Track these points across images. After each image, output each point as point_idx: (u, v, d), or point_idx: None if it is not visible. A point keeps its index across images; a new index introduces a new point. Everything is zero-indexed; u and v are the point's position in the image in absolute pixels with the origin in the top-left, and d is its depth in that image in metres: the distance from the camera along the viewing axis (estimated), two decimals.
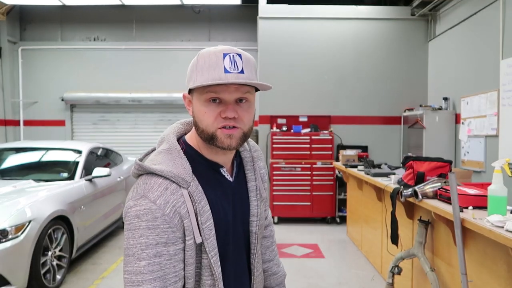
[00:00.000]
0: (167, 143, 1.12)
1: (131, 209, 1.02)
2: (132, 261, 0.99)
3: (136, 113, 9.97)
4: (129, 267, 0.99)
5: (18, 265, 3.48)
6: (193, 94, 1.12)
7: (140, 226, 0.99)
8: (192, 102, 1.13)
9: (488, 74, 5.41)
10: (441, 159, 3.28)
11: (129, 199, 1.06)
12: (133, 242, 0.99)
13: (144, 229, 0.99)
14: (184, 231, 1.03)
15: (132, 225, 1.00)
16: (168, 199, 1.02)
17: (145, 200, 1.01)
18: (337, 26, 7.38)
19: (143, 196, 1.02)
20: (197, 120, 1.10)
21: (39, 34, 9.90)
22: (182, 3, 8.63)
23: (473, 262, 2.47)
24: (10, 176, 4.88)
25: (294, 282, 4.24)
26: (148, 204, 1.00)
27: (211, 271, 1.08)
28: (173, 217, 1.01)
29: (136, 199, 1.03)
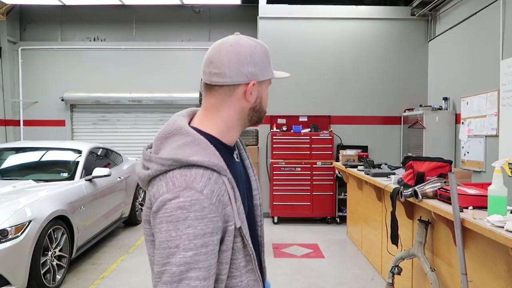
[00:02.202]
0: (186, 135, 1.09)
1: (171, 201, 0.99)
2: (176, 252, 0.97)
3: (136, 113, 9.97)
4: (172, 258, 0.96)
5: (18, 265, 3.48)
6: (264, 82, 1.21)
7: (188, 217, 0.97)
8: (260, 89, 1.19)
9: (488, 74, 5.41)
10: (441, 159, 3.28)
11: (162, 193, 1.01)
12: (177, 233, 0.97)
13: (193, 220, 0.97)
14: (226, 219, 1.04)
15: (174, 217, 0.98)
16: (213, 189, 1.02)
17: (191, 191, 0.99)
18: (337, 26, 7.38)
19: (188, 187, 1.00)
20: (263, 104, 1.23)
21: (39, 34, 9.90)
22: (182, 3, 8.63)
23: (473, 262, 2.47)
24: (10, 176, 4.89)
25: (294, 282, 4.24)
26: (195, 195, 0.99)
27: (244, 252, 1.11)
28: (218, 206, 1.02)
29: (178, 191, 0.99)
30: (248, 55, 1.14)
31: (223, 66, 1.12)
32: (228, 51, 1.14)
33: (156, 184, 1.05)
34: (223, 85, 1.13)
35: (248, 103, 1.17)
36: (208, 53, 1.17)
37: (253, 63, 1.14)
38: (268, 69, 1.18)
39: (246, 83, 1.14)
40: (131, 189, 6.33)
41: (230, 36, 1.20)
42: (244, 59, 1.13)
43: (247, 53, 1.14)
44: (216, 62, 1.13)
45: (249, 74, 1.14)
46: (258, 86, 1.17)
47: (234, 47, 1.15)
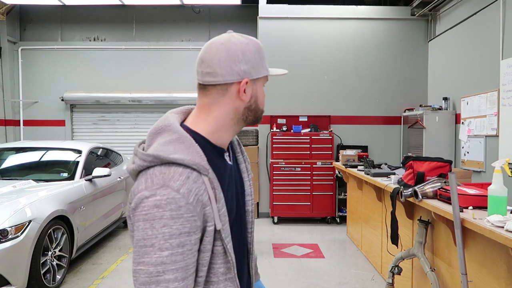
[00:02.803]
0: (173, 133, 1.08)
1: (148, 199, 0.97)
2: (151, 251, 0.95)
3: (136, 113, 9.97)
4: (147, 258, 0.95)
5: (18, 265, 3.48)
6: (259, 80, 1.17)
7: (163, 216, 0.96)
8: (254, 87, 1.16)
9: (488, 74, 5.41)
10: (441, 159, 3.28)
11: (140, 190, 1.00)
12: (153, 232, 0.96)
13: (168, 219, 0.95)
14: (205, 219, 1.03)
15: (150, 215, 0.96)
16: (191, 188, 0.99)
17: (167, 190, 0.97)
18: (337, 26, 7.39)
19: (164, 186, 0.98)
20: (259, 103, 1.18)
21: (39, 34, 9.90)
22: (182, 3, 8.63)
23: (473, 262, 2.47)
24: (10, 176, 4.88)
25: (294, 282, 4.24)
26: (171, 194, 0.97)
27: (225, 258, 1.08)
28: (196, 205, 0.99)
29: (155, 189, 0.98)
30: (239, 53, 1.11)
31: (214, 65, 1.09)
32: (219, 49, 1.10)
33: (138, 179, 1.04)
34: (215, 85, 1.11)
35: (242, 102, 1.14)
36: (200, 52, 1.14)
37: (245, 61, 1.12)
38: (261, 66, 1.16)
39: (239, 81, 1.11)
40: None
41: (223, 34, 1.15)
42: (235, 57, 1.10)
43: (239, 51, 1.11)
44: (207, 61, 1.10)
45: (241, 72, 1.11)
46: (252, 84, 1.14)
47: (225, 45, 1.10)
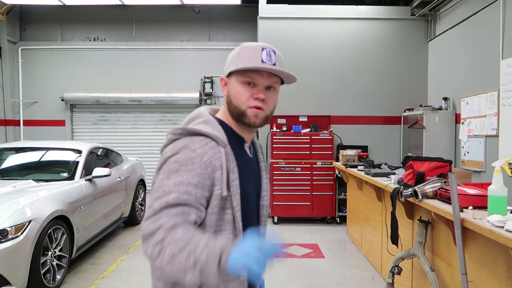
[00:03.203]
0: (201, 117, 1.30)
1: (171, 157, 1.17)
2: (160, 192, 1.11)
3: (136, 113, 9.97)
4: (155, 200, 1.10)
5: (18, 265, 3.48)
6: (231, 77, 1.29)
7: (179, 169, 1.13)
8: (228, 84, 1.30)
9: (488, 74, 5.41)
10: (441, 159, 3.28)
11: (166, 152, 1.21)
12: (167, 181, 1.13)
13: (181, 171, 1.13)
14: (214, 182, 1.16)
15: (168, 168, 1.15)
16: (207, 151, 1.17)
17: (186, 150, 1.17)
18: (337, 26, 7.38)
19: (185, 147, 1.18)
20: (232, 99, 1.28)
21: (39, 34, 9.90)
22: (182, 3, 8.63)
23: (473, 262, 2.47)
24: (10, 176, 4.88)
25: (294, 282, 4.24)
26: (189, 153, 1.16)
27: (233, 226, 1.20)
28: (207, 166, 1.15)
29: (177, 149, 1.18)
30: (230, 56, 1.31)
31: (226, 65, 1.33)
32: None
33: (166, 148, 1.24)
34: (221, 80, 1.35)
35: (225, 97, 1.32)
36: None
37: (227, 63, 1.30)
38: (233, 64, 1.27)
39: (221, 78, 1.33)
40: (131, 189, 6.32)
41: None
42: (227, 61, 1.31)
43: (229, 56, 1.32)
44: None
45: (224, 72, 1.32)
46: (229, 81, 1.30)
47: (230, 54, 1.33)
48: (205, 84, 9.63)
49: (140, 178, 6.81)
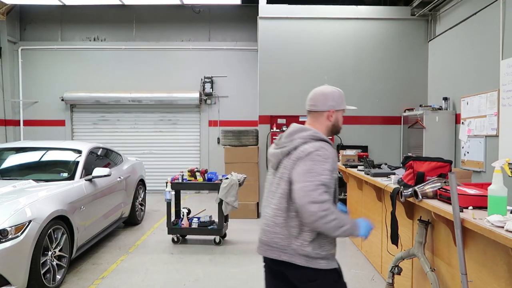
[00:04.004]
0: (309, 130, 2.08)
1: (314, 152, 1.92)
2: (316, 175, 1.87)
3: (136, 113, 9.98)
4: (312, 178, 1.86)
5: (18, 265, 3.48)
6: (339, 111, 2.16)
7: (322, 161, 1.90)
8: (335, 114, 2.15)
9: (488, 74, 5.41)
10: (441, 159, 3.28)
11: (307, 148, 1.95)
12: (317, 167, 1.88)
13: (323, 162, 1.90)
14: (336, 169, 1.99)
15: (315, 159, 1.90)
16: (332, 151, 1.98)
17: (323, 149, 1.94)
18: (337, 26, 7.38)
19: (321, 147, 1.94)
20: (338, 123, 2.17)
21: (39, 34, 9.90)
22: (182, 3, 8.63)
23: (473, 262, 2.47)
24: (10, 176, 4.88)
25: None
26: (325, 152, 1.94)
27: (334, 196, 2.01)
28: (334, 160, 1.97)
29: (318, 147, 1.94)
30: (329, 96, 2.15)
31: (316, 101, 2.18)
32: (318, 93, 2.21)
33: (301, 147, 1.97)
34: (315, 111, 2.17)
35: (330, 122, 2.15)
36: (309, 94, 2.23)
37: (334, 100, 2.14)
38: (341, 103, 2.15)
39: (328, 110, 2.13)
40: (131, 189, 6.32)
41: (321, 86, 2.24)
42: (327, 98, 2.15)
43: (329, 94, 2.16)
44: (312, 99, 2.21)
45: (330, 106, 2.13)
46: (335, 113, 2.14)
47: (322, 90, 2.21)
48: (205, 84, 9.63)
49: (140, 178, 6.80)
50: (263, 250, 2.14)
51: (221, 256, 5.07)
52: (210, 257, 5.02)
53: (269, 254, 2.10)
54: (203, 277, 4.34)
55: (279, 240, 2.01)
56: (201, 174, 5.61)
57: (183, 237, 5.73)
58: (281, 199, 1.98)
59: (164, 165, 9.88)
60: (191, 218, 5.69)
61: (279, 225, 2.00)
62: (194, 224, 5.57)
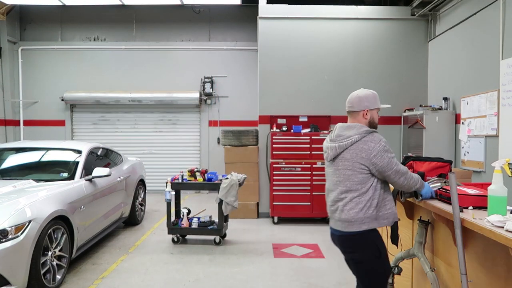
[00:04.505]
0: (360, 126, 2.51)
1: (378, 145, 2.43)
2: (395, 163, 2.45)
3: (136, 113, 9.97)
4: (395, 166, 2.46)
5: (18, 265, 3.48)
6: (374, 110, 2.58)
7: (389, 150, 2.45)
8: (370, 113, 2.56)
9: (488, 74, 5.41)
10: (441, 159, 3.28)
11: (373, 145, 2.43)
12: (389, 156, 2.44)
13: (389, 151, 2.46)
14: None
15: (387, 149, 2.45)
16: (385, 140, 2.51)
17: (382, 140, 2.46)
18: (337, 26, 7.38)
19: (381, 140, 2.45)
20: (374, 120, 2.59)
21: (39, 34, 9.90)
22: (182, 3, 8.63)
23: (473, 262, 2.47)
24: (10, 176, 4.88)
25: (294, 282, 4.24)
26: (383, 141, 2.46)
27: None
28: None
29: (378, 141, 2.44)
30: (364, 97, 2.55)
31: (353, 103, 2.58)
32: (354, 96, 2.59)
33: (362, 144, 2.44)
34: (353, 112, 2.58)
35: (365, 120, 2.56)
36: (348, 98, 2.60)
37: (366, 101, 2.55)
38: (375, 103, 2.57)
39: (363, 110, 2.55)
40: (131, 189, 6.32)
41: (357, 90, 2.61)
42: (362, 99, 2.56)
43: (364, 96, 2.56)
44: (350, 101, 2.60)
45: (364, 106, 2.55)
46: (370, 111, 2.55)
47: (358, 94, 2.58)
48: (205, 84, 9.63)
49: (140, 178, 6.80)
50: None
51: (221, 256, 5.07)
52: (210, 257, 5.03)
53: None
54: (203, 277, 4.34)
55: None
56: (201, 174, 5.61)
57: (183, 237, 5.73)
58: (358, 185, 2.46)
59: (164, 165, 9.88)
60: (191, 218, 5.70)
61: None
62: (194, 224, 5.57)
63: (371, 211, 2.43)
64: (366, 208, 2.42)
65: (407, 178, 2.49)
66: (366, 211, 2.42)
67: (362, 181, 2.43)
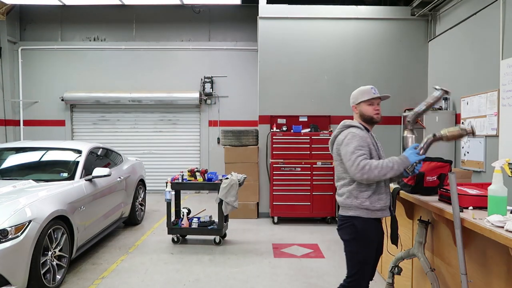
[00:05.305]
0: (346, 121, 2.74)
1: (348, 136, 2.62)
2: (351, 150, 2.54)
3: (136, 113, 9.98)
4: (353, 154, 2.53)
5: (18, 265, 3.47)
6: (360, 104, 2.72)
7: (354, 138, 2.58)
8: (358, 107, 2.74)
9: (488, 74, 5.41)
10: (441, 159, 3.28)
11: (341, 138, 2.66)
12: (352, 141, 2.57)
13: (354, 140, 2.57)
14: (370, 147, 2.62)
15: (350, 137, 2.59)
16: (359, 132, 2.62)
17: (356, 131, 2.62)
18: (337, 26, 7.38)
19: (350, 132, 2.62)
20: (364, 113, 2.73)
21: (39, 34, 9.90)
22: (182, 3, 8.63)
23: (473, 262, 2.47)
24: (10, 176, 4.88)
25: (294, 282, 4.24)
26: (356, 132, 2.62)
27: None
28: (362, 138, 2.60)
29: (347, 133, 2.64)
30: (352, 94, 2.81)
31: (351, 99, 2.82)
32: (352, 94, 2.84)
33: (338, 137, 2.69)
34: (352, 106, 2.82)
35: (357, 114, 2.77)
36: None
37: (353, 97, 2.79)
38: (358, 98, 2.75)
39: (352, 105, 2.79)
40: (131, 189, 6.32)
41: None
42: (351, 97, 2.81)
43: (352, 94, 2.81)
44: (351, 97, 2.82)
45: (352, 102, 2.80)
46: (357, 106, 2.75)
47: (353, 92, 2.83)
48: (205, 84, 9.63)
49: (140, 178, 6.80)
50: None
51: (221, 256, 5.07)
52: (210, 257, 5.02)
53: None
54: (203, 277, 4.34)
55: None
56: (201, 174, 5.61)
57: (183, 237, 5.73)
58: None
59: (164, 165, 9.88)
60: (191, 218, 5.69)
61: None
62: (194, 224, 5.57)
63: (356, 200, 2.60)
64: (352, 196, 2.61)
65: (365, 172, 2.46)
66: (352, 199, 2.61)
67: (345, 170, 2.65)
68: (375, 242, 2.66)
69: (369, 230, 2.62)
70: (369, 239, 2.62)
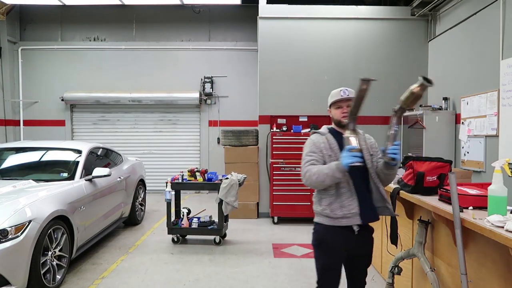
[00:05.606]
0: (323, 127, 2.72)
1: (306, 142, 2.63)
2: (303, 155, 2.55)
3: (136, 113, 9.98)
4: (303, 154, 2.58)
5: (18, 265, 3.47)
6: (331, 108, 2.68)
7: (308, 144, 2.60)
8: (330, 112, 2.70)
9: (488, 74, 5.40)
10: (441, 159, 3.28)
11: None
12: (304, 151, 2.57)
13: (307, 147, 2.59)
14: (323, 152, 2.54)
15: (306, 144, 2.61)
16: (315, 138, 2.62)
17: (313, 137, 2.64)
18: (337, 26, 7.38)
19: (311, 138, 2.64)
20: (333, 116, 2.67)
21: (39, 34, 9.90)
22: (182, 3, 8.63)
23: (473, 262, 2.47)
24: (10, 176, 4.88)
25: (294, 282, 4.24)
26: (312, 138, 2.63)
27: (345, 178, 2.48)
28: (315, 144, 2.57)
29: (311, 137, 2.64)
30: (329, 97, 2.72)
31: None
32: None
33: None
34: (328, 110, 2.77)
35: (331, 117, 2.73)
36: None
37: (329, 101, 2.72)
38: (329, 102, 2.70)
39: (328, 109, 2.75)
40: (131, 189, 6.32)
41: None
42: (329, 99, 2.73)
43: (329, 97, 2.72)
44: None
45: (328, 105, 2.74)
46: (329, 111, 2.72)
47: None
48: (205, 84, 9.63)
49: (140, 178, 6.80)
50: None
51: (221, 256, 5.07)
52: (210, 257, 5.03)
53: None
54: (203, 277, 4.34)
55: None
56: (201, 174, 5.61)
57: (183, 237, 5.73)
58: None
59: (164, 165, 9.88)
60: (191, 218, 5.69)
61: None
62: (194, 224, 5.57)
63: (319, 207, 2.55)
64: (317, 203, 2.57)
65: (307, 178, 2.44)
66: (317, 206, 2.57)
67: None
68: (339, 250, 2.51)
69: (330, 237, 2.50)
70: (329, 246, 2.52)
